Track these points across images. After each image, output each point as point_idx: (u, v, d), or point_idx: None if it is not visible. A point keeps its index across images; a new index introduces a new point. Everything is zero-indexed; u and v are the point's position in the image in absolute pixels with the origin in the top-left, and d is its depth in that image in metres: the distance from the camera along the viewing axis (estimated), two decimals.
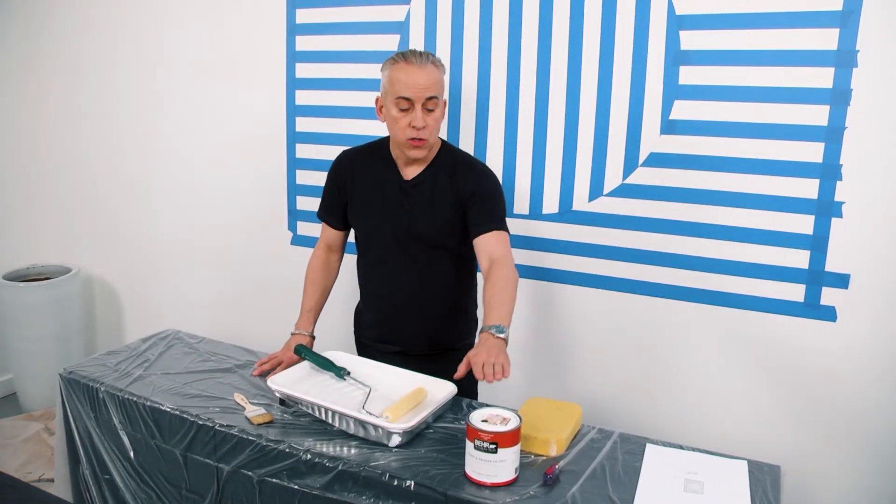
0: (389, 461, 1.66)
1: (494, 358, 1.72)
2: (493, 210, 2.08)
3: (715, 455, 1.73)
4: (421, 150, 2.03)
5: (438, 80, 1.99)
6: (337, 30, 2.80)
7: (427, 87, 1.96)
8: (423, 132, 1.98)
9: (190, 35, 3.19)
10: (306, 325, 2.24)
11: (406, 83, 1.96)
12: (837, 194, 2.16)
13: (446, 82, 2.08)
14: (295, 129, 2.99)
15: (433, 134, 2.02)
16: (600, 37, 2.37)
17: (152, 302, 3.63)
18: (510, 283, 1.95)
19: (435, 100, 1.98)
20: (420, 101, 1.96)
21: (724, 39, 2.22)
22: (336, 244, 2.31)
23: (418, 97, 1.95)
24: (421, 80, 1.95)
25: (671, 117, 2.32)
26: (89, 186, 3.68)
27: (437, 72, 1.99)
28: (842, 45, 2.07)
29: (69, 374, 2.14)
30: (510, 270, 1.98)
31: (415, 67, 1.95)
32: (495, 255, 2.01)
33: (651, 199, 2.39)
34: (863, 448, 2.26)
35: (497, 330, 1.82)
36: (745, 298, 2.33)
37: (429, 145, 2.04)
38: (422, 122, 1.97)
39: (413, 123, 1.97)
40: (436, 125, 2.01)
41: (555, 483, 1.59)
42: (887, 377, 2.19)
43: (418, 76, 1.95)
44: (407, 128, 1.98)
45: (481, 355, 1.73)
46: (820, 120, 2.14)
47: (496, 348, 1.76)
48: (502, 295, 1.91)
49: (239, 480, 1.83)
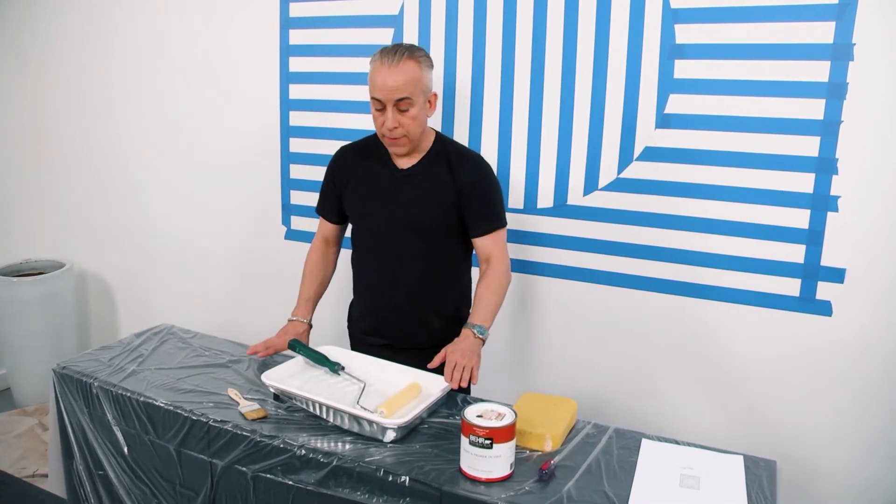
0: (384, 457, 1.65)
1: (467, 361, 1.88)
2: (490, 208, 2.10)
3: (711, 450, 1.72)
4: (399, 147, 2.04)
5: (412, 79, 1.95)
6: (331, 23, 2.79)
7: (395, 89, 1.93)
8: (397, 132, 1.99)
9: (183, 29, 3.17)
10: (305, 313, 2.25)
11: (375, 84, 1.96)
12: (833, 188, 2.16)
13: (430, 77, 2.04)
14: (289, 124, 2.98)
15: (413, 131, 2.01)
16: (595, 30, 2.36)
17: (146, 297, 3.62)
18: (502, 286, 2.09)
19: (408, 100, 1.95)
20: (390, 103, 1.95)
21: (719, 33, 2.21)
22: (333, 238, 2.32)
23: (388, 99, 1.95)
24: (389, 82, 1.93)
25: (666, 111, 2.31)
26: (82, 181, 3.67)
27: (414, 69, 1.95)
28: (838, 38, 2.07)
29: (62, 370, 2.13)
30: (505, 271, 2.11)
31: (385, 68, 1.93)
32: (493, 255, 2.11)
33: (646, 193, 2.39)
34: (858, 442, 2.26)
35: (479, 330, 2.00)
36: (740, 293, 2.33)
37: (410, 142, 2.03)
38: (392, 123, 1.97)
39: (385, 124, 1.98)
40: (413, 123, 1.99)
41: (550, 478, 1.58)
42: (883, 372, 2.20)
43: (387, 77, 1.93)
44: (382, 126, 2.00)
45: (456, 354, 1.90)
46: (816, 114, 2.14)
47: (471, 351, 1.92)
48: (492, 297, 2.06)
49: (233, 476, 1.82)
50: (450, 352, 1.91)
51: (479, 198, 2.08)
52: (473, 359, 1.89)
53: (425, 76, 2.00)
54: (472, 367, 1.87)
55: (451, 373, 1.85)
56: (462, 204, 2.08)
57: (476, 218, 2.09)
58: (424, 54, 2.01)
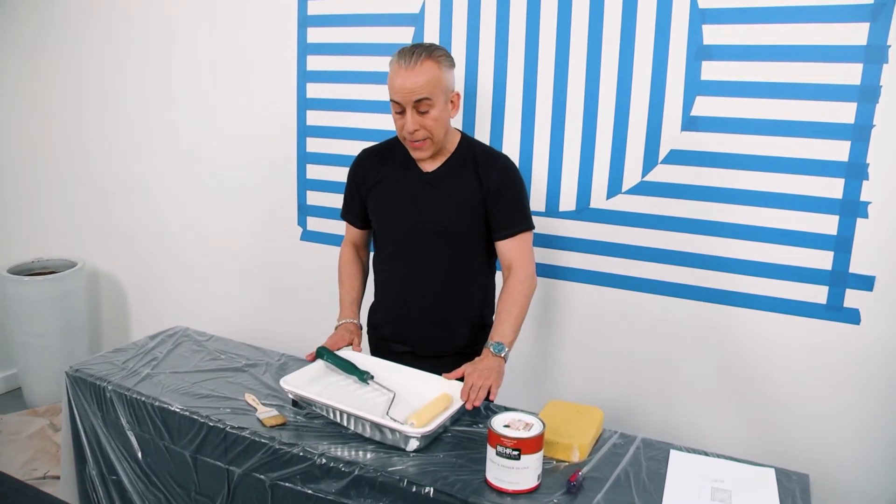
0: (407, 466, 1.61)
1: (483, 381, 1.82)
2: (516, 210, 2.05)
3: (741, 462, 1.68)
4: (423, 151, 1.99)
5: (431, 80, 1.89)
6: (350, 21, 2.75)
7: (413, 91, 1.89)
8: (418, 134, 1.94)
9: (199, 26, 3.14)
10: (352, 314, 2.18)
11: (394, 87, 1.92)
12: (863, 194, 2.11)
13: (451, 77, 1.98)
14: (306, 123, 2.94)
15: (436, 132, 1.96)
16: (621, 30, 2.32)
17: (158, 298, 3.59)
18: (523, 295, 2.02)
19: (427, 101, 1.90)
20: (409, 105, 1.91)
21: (748, 34, 2.16)
22: (361, 242, 2.29)
23: (406, 101, 1.90)
24: (407, 84, 1.88)
25: (692, 113, 2.27)
26: (95, 180, 3.64)
27: (432, 69, 1.90)
28: (872, 39, 2.01)
29: (75, 373, 2.10)
30: (528, 280, 2.03)
31: (403, 69, 1.89)
32: (516, 262, 2.04)
33: (671, 197, 2.34)
34: (889, 455, 2.21)
35: (497, 348, 1.93)
36: (766, 299, 2.28)
37: (433, 144, 1.98)
38: (412, 126, 1.92)
39: (405, 127, 1.93)
40: (435, 125, 1.94)
41: (578, 490, 1.55)
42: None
43: (405, 79, 1.89)
44: (402, 130, 1.96)
45: (473, 376, 1.84)
46: (846, 117, 2.09)
47: (491, 369, 1.86)
48: (512, 309, 1.99)
49: (250, 484, 1.79)
50: (468, 372, 1.86)
51: (505, 199, 2.03)
52: (491, 377, 1.84)
53: (445, 76, 1.94)
54: (491, 386, 1.82)
55: (466, 392, 1.80)
56: (487, 206, 2.03)
57: (500, 220, 2.04)
58: (445, 53, 1.95)
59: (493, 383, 1.83)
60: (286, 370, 2.11)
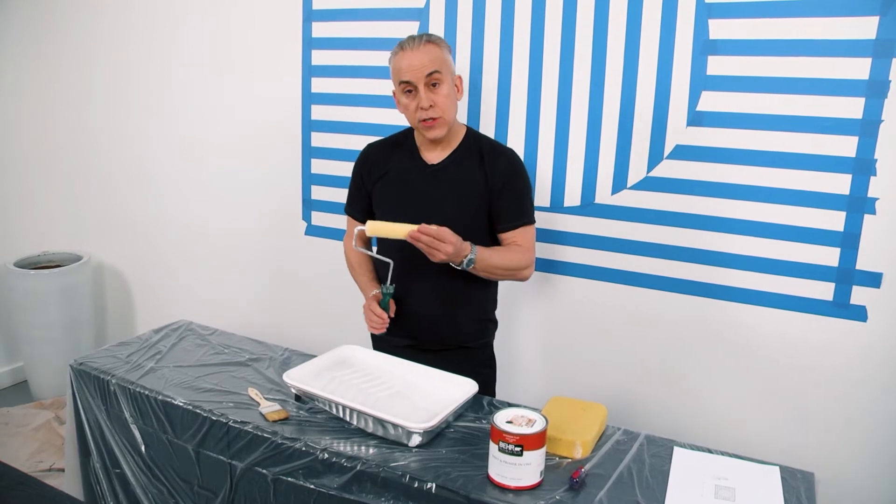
0: (409, 462, 1.61)
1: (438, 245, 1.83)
2: (520, 203, 2.06)
3: (745, 460, 1.67)
4: (437, 129, 2.00)
5: (437, 57, 1.96)
6: (355, 16, 2.74)
7: (423, 66, 1.94)
8: (433, 111, 1.97)
9: (204, 20, 3.13)
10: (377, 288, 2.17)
11: (402, 68, 1.97)
12: (871, 190, 2.09)
13: (452, 60, 2.04)
14: (310, 118, 2.93)
15: (447, 110, 1.99)
16: (626, 24, 2.30)
17: (163, 291, 3.60)
18: (516, 255, 2.03)
19: (437, 74, 1.95)
20: (421, 82, 1.95)
21: (754, 28, 2.15)
22: (364, 237, 2.27)
23: (418, 78, 1.95)
24: (416, 62, 1.94)
25: (698, 108, 2.25)
26: (101, 174, 3.65)
27: (436, 49, 1.97)
28: (881, 33, 1.99)
29: (80, 366, 2.10)
30: (522, 256, 2.05)
31: (409, 51, 1.96)
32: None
33: (676, 192, 2.33)
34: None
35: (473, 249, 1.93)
36: (772, 296, 2.26)
37: (445, 122, 2.00)
38: (427, 101, 1.96)
39: (420, 104, 1.96)
40: (446, 101, 1.98)
41: (581, 487, 1.54)
42: None
43: (413, 58, 1.95)
44: (417, 110, 1.98)
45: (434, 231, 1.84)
46: (854, 113, 2.07)
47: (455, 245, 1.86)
48: (503, 251, 2.03)
49: (253, 478, 1.79)
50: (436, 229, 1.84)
51: (510, 193, 2.04)
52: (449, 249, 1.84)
53: (447, 57, 2.01)
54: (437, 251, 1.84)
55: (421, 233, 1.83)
56: (492, 198, 2.04)
57: (504, 213, 2.05)
58: (443, 39, 2.03)
59: (442, 252, 1.84)
60: (289, 365, 2.11)
